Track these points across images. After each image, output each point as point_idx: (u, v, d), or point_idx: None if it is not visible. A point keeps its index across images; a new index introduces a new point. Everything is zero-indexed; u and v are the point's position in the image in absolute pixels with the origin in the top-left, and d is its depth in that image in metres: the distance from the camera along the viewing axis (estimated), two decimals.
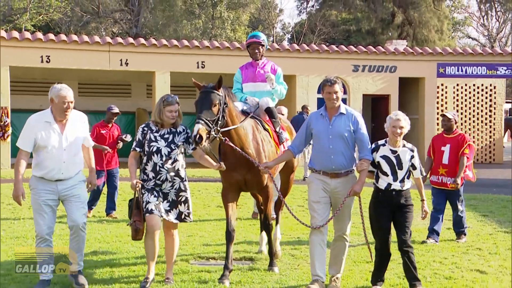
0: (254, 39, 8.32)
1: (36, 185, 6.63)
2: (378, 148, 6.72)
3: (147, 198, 6.65)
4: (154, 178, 6.68)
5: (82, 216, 6.74)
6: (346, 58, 22.75)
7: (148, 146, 6.68)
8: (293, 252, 8.62)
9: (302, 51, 22.55)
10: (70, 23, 36.50)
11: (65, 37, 21.10)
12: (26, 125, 6.64)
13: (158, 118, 6.74)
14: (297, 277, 7.32)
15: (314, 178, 6.78)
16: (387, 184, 6.62)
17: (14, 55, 20.08)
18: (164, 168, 6.65)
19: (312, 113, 7.23)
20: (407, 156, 6.65)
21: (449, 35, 44.37)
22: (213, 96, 6.71)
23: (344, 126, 6.62)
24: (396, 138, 6.61)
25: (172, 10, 36.76)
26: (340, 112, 6.67)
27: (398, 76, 23.38)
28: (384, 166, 6.63)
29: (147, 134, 6.73)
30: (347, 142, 6.62)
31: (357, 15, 39.87)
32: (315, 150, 6.83)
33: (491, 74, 24.06)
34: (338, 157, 6.58)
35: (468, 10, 51.44)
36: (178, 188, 6.79)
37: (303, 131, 6.87)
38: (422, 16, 38.24)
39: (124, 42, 21.34)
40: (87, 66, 21.02)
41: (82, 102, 24.05)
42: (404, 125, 6.59)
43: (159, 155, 6.64)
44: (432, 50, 23.93)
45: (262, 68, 8.24)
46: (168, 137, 6.74)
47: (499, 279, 7.28)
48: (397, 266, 7.88)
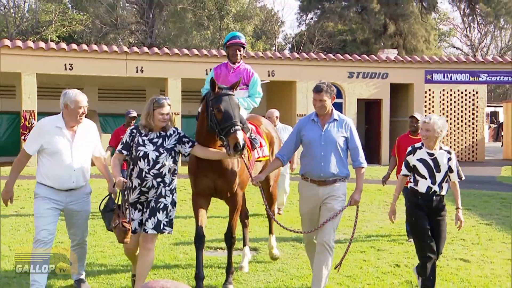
0: (236, 40, 6.92)
1: (43, 193, 5.77)
2: (414, 151, 6.08)
3: (131, 214, 5.65)
4: (139, 186, 5.62)
5: (85, 233, 6.12)
6: (342, 66, 22.72)
7: (135, 150, 5.67)
8: (293, 243, 8.62)
9: (302, 59, 22.55)
10: (91, 34, 36.53)
11: (86, 47, 21.16)
12: (35, 127, 5.96)
13: (146, 122, 5.71)
14: (297, 265, 7.33)
15: (302, 186, 6.10)
16: (427, 187, 5.93)
17: (40, 63, 20.16)
18: (150, 174, 5.60)
19: (301, 119, 6.30)
20: (445, 158, 5.97)
21: (436, 45, 44.29)
22: (235, 100, 5.90)
23: (337, 132, 5.95)
24: (426, 141, 5.97)
25: (183, 22, 36.80)
26: (333, 118, 5.99)
27: (390, 82, 23.34)
28: (422, 169, 5.97)
29: (136, 137, 5.72)
30: (339, 149, 5.93)
31: (352, 26, 39.85)
32: (305, 157, 6.04)
33: (473, 80, 24.03)
34: (329, 164, 5.86)
35: (453, 22, 51.36)
36: (159, 194, 5.69)
37: (292, 138, 6.13)
38: (411, 27, 38.18)
39: (139, 51, 21.37)
40: (106, 73, 21.07)
41: (102, 106, 24.19)
42: (432, 128, 5.87)
43: (146, 160, 5.61)
44: (420, 59, 23.89)
45: (236, 72, 6.88)
46: (157, 141, 5.70)
47: (480, 267, 7.29)
48: (388, 255, 7.89)
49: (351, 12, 38.78)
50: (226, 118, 5.66)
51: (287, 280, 6.64)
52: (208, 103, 5.88)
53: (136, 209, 5.72)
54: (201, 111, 6.08)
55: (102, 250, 7.96)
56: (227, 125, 5.63)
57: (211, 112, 5.77)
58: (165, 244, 8.37)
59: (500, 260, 7.70)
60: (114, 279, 6.60)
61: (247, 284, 6.51)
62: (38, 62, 20.11)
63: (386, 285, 6.55)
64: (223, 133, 5.63)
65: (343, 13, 38.46)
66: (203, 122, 5.96)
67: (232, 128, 5.59)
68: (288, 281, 6.63)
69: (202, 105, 6.09)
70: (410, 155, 6.09)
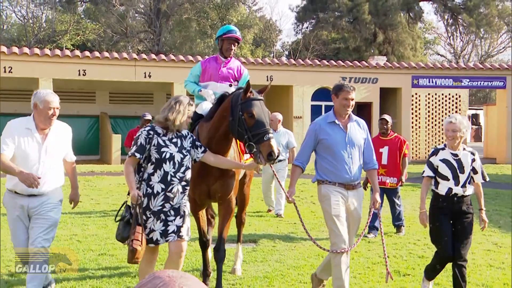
0: (232, 34, 6.16)
1: (8, 201, 5.05)
2: (437, 152, 5.49)
3: (152, 224, 4.81)
4: (164, 191, 4.79)
5: (46, 241, 4.99)
6: (335, 71, 22.73)
7: (157, 152, 4.80)
8: (291, 235, 8.62)
9: (298, 65, 22.56)
10: (103, 42, 36.53)
11: (98, 54, 21.18)
12: (5, 128, 4.96)
13: (177, 123, 4.85)
14: (294, 256, 7.32)
15: (331, 189, 5.28)
16: (447, 189, 5.36)
17: (56, 69, 20.20)
18: (176, 177, 4.83)
19: (314, 122, 5.51)
20: (469, 159, 5.41)
21: (422, 52, 44.27)
22: (264, 105, 5.18)
23: (359, 133, 5.39)
24: (450, 141, 5.40)
25: (188, 31, 36.80)
26: (353, 119, 5.42)
27: (379, 87, 23.36)
28: (445, 170, 5.39)
29: (153, 138, 4.83)
30: (361, 150, 5.39)
31: (344, 35, 39.82)
32: (326, 161, 5.32)
33: (456, 85, 24.03)
34: (355, 167, 5.30)
35: (437, 31, 51.32)
36: (186, 199, 5.02)
37: (310, 143, 5.39)
38: (399, 36, 38.20)
39: (147, 57, 21.37)
40: (117, 78, 21.09)
41: (112, 109, 24.24)
42: (458, 128, 5.35)
43: (172, 163, 4.82)
44: (407, 65, 23.89)
45: (226, 66, 6.20)
46: (177, 141, 4.93)
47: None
48: (378, 247, 7.88)
49: (343, 21, 38.75)
50: (258, 125, 4.96)
51: (284, 270, 6.63)
52: (235, 107, 5.10)
53: (159, 219, 4.82)
54: (220, 115, 5.28)
55: (113, 242, 7.92)
56: (260, 132, 4.94)
57: (241, 117, 5.02)
58: None
59: (480, 250, 7.70)
60: (124, 269, 6.59)
61: (247, 273, 6.50)
62: (54, 68, 20.15)
63: (375, 274, 6.55)
64: (254, 140, 4.93)
65: (336, 22, 38.44)
66: (220, 126, 5.26)
67: (266, 136, 4.92)
68: (285, 271, 6.62)
69: (222, 108, 5.29)
70: (433, 156, 5.50)
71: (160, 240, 4.85)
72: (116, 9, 35.08)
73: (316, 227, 9.28)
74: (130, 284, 5.99)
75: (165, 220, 4.83)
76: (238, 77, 6.22)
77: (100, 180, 15.51)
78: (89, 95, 24.23)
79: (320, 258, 7.21)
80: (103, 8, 34.96)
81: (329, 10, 38.21)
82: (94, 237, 8.27)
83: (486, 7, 38.38)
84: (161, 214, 4.82)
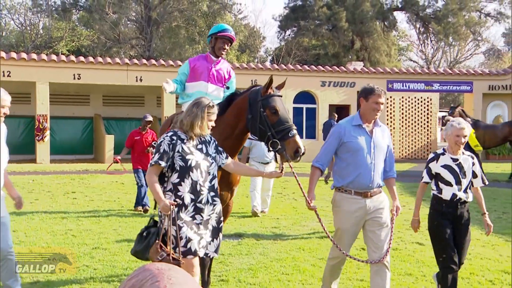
0: (227, 33, 5.53)
1: None
2: (437, 158, 4.99)
3: (187, 233, 4.09)
4: (193, 201, 4.11)
5: (7, 242, 4.50)
6: (315, 76, 22.79)
7: (183, 160, 4.10)
8: (273, 230, 8.61)
9: (281, 70, 22.57)
10: (96, 48, 36.25)
11: (92, 59, 21.04)
12: None
13: (196, 128, 4.14)
14: (276, 249, 7.31)
15: (343, 200, 4.74)
16: (452, 194, 4.91)
17: (52, 73, 20.05)
18: (205, 186, 4.16)
19: (341, 125, 4.85)
20: (469, 163, 4.98)
21: (396, 58, 44.54)
22: None
23: (383, 139, 4.82)
24: (458, 147, 4.92)
25: (177, 38, 36.66)
26: (378, 124, 4.85)
27: (357, 90, 23.42)
28: (447, 175, 4.92)
29: (177, 145, 4.12)
30: (384, 157, 4.82)
31: (324, 42, 39.94)
32: (347, 165, 4.72)
33: (428, 89, 24.23)
34: (377, 174, 4.74)
35: (410, 39, 51.63)
36: (219, 212, 4.29)
37: (333, 146, 4.76)
38: (375, 43, 38.38)
39: (139, 63, 21.28)
40: (110, 81, 20.98)
41: (106, 111, 24.12)
42: (468, 133, 4.93)
43: (199, 171, 4.13)
44: (382, 70, 24.03)
45: (217, 67, 5.58)
46: (202, 147, 4.23)
47: (432, 250, 7.32)
48: (355, 240, 7.89)
49: (323, 29, 38.87)
50: (282, 121, 4.52)
51: (267, 263, 6.62)
52: (254, 104, 4.62)
53: (192, 230, 4.13)
54: (235, 112, 4.76)
55: (106, 237, 7.89)
56: (284, 128, 4.48)
57: (263, 114, 4.55)
58: None
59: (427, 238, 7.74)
60: (117, 262, 6.54)
61: (232, 266, 6.48)
62: (50, 72, 20.00)
63: (353, 266, 6.55)
64: (279, 136, 4.47)
65: (316, 30, 38.53)
66: (236, 125, 4.76)
67: (291, 132, 4.46)
68: (268, 263, 6.61)
69: (237, 106, 4.78)
70: (433, 161, 5.02)
71: (199, 251, 4.15)
72: (109, 17, 34.82)
73: (297, 222, 9.29)
74: (122, 276, 5.94)
75: (197, 233, 4.15)
76: (227, 79, 5.65)
77: (94, 178, 15.41)
78: (84, 98, 24.07)
79: (301, 251, 7.22)
80: (97, 16, 34.71)
81: (310, 19, 38.28)
82: (88, 232, 8.20)
83: (454, 17, 38.73)
84: (193, 225, 4.14)
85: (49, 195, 11.97)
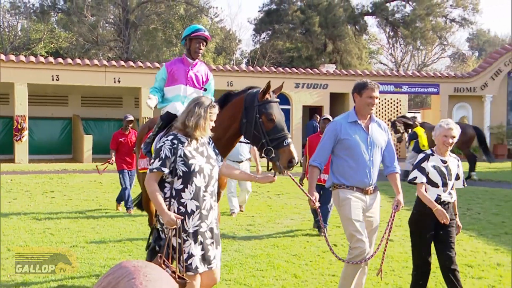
0: (201, 33, 5.22)
1: None
2: (427, 158, 4.78)
3: (190, 248, 3.76)
4: (198, 208, 3.79)
5: None
6: (289, 78, 22.85)
7: (185, 165, 3.77)
8: (248, 227, 8.61)
9: (256, 72, 22.60)
10: (75, 50, 35.75)
11: (70, 61, 20.80)
12: None
13: (200, 129, 3.85)
14: (251, 246, 7.32)
15: (349, 194, 4.58)
16: (436, 196, 4.71)
17: (31, 74, 19.75)
18: (208, 192, 3.86)
19: (337, 121, 4.71)
20: (455, 165, 4.83)
21: (367, 61, 44.91)
22: None
23: (381, 135, 4.70)
24: (446, 148, 4.73)
25: (155, 40, 36.40)
26: (374, 119, 4.72)
27: (329, 92, 23.60)
28: (435, 176, 4.72)
29: (178, 149, 3.80)
30: (381, 153, 4.72)
31: (297, 45, 40.08)
32: (345, 163, 4.60)
33: (397, 91, 24.50)
34: (375, 170, 4.64)
35: (380, 42, 52.09)
36: (217, 217, 4.02)
37: (329, 144, 4.64)
38: (346, 46, 38.62)
39: (117, 64, 21.08)
40: (88, 83, 20.73)
41: (84, 111, 23.86)
42: (456, 134, 4.73)
43: (202, 176, 3.82)
44: (354, 72, 24.21)
45: (194, 70, 5.31)
46: (203, 150, 3.93)
47: (402, 245, 7.41)
48: (328, 237, 7.93)
49: (297, 33, 38.98)
50: (278, 129, 4.30)
51: (242, 259, 6.62)
52: (250, 108, 4.41)
53: (197, 242, 3.80)
54: (229, 114, 4.50)
55: (84, 235, 7.80)
56: (280, 136, 4.28)
57: (258, 120, 4.34)
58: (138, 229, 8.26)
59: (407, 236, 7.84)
60: (95, 260, 6.47)
61: None
62: (29, 73, 19.70)
63: (325, 261, 6.60)
64: (273, 144, 4.27)
65: (290, 33, 38.64)
66: (229, 127, 4.52)
67: (285, 141, 4.26)
68: (243, 259, 6.61)
69: (232, 108, 4.53)
70: (424, 161, 4.78)
71: (200, 267, 3.80)
72: (88, 20, 34.39)
73: (272, 219, 9.31)
74: (99, 273, 5.88)
75: (203, 243, 3.82)
76: (205, 81, 5.41)
77: (72, 178, 15.22)
78: (62, 99, 23.78)
79: (276, 248, 7.24)
80: (75, 18, 34.23)
81: (284, 23, 38.37)
82: (67, 230, 8.10)
83: (422, 22, 39.25)
84: (199, 236, 3.79)
85: (27, 194, 11.79)
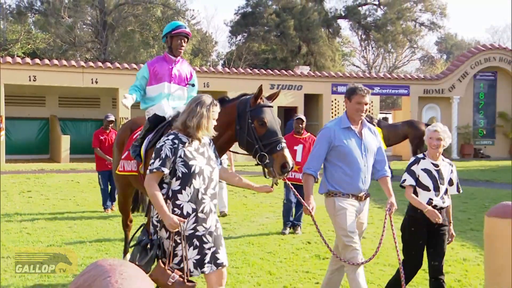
0: (182, 30, 5.06)
1: None
2: (418, 161, 4.65)
3: (183, 251, 3.59)
4: (195, 211, 3.61)
5: None
6: (265, 79, 22.89)
7: (185, 166, 3.60)
8: (224, 225, 8.60)
9: (232, 73, 22.59)
10: (53, 50, 35.24)
11: (48, 61, 20.48)
12: None
13: (202, 129, 3.68)
14: (227, 244, 7.11)
15: (345, 203, 4.40)
16: (428, 200, 4.55)
17: (7, 75, 19.38)
18: (208, 194, 3.67)
19: (330, 128, 4.51)
20: (448, 170, 4.67)
21: (340, 63, 45.26)
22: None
23: (373, 140, 4.56)
24: (433, 150, 4.59)
25: (132, 42, 36.09)
26: (366, 125, 4.58)
27: (303, 93, 23.70)
28: (426, 180, 4.58)
29: (179, 149, 3.62)
30: (374, 158, 4.56)
31: (273, 47, 40.16)
32: (340, 170, 4.42)
33: None
34: (369, 176, 4.51)
35: (353, 45, 52.53)
36: (217, 220, 3.83)
37: (323, 150, 4.44)
38: (320, 49, 38.86)
39: (94, 65, 20.84)
40: (66, 83, 20.45)
41: (62, 112, 23.54)
42: (443, 136, 4.58)
43: (201, 178, 3.64)
44: (327, 74, 24.38)
45: (177, 67, 5.16)
46: (203, 151, 3.74)
47: (373, 242, 7.47)
48: (302, 235, 7.95)
49: (272, 35, 39.09)
50: (270, 133, 4.10)
51: None
52: (243, 114, 4.21)
53: (192, 245, 3.62)
54: (222, 120, 4.07)
55: (62, 234, 7.70)
56: (273, 141, 4.08)
57: (250, 125, 4.15)
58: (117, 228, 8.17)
59: (388, 236, 7.88)
60: (72, 259, 6.38)
61: None
62: (5, 74, 19.33)
63: (299, 258, 6.63)
64: (266, 150, 4.07)
65: (266, 36, 38.73)
66: (223, 133, 4.23)
67: (279, 145, 4.06)
68: None
69: (225, 114, 4.17)
70: (414, 164, 4.65)
71: (194, 272, 3.63)
72: (65, 21, 33.91)
73: (247, 218, 9.32)
74: (76, 272, 5.80)
75: (199, 247, 3.63)
76: (189, 78, 5.25)
77: (50, 177, 15.00)
78: (40, 99, 23.42)
79: (251, 245, 7.25)
80: (53, 19, 33.72)
81: (259, 25, 38.44)
82: (43, 230, 7.98)
83: (392, 25, 39.77)
84: (194, 239, 3.62)
85: (4, 194, 11.57)
